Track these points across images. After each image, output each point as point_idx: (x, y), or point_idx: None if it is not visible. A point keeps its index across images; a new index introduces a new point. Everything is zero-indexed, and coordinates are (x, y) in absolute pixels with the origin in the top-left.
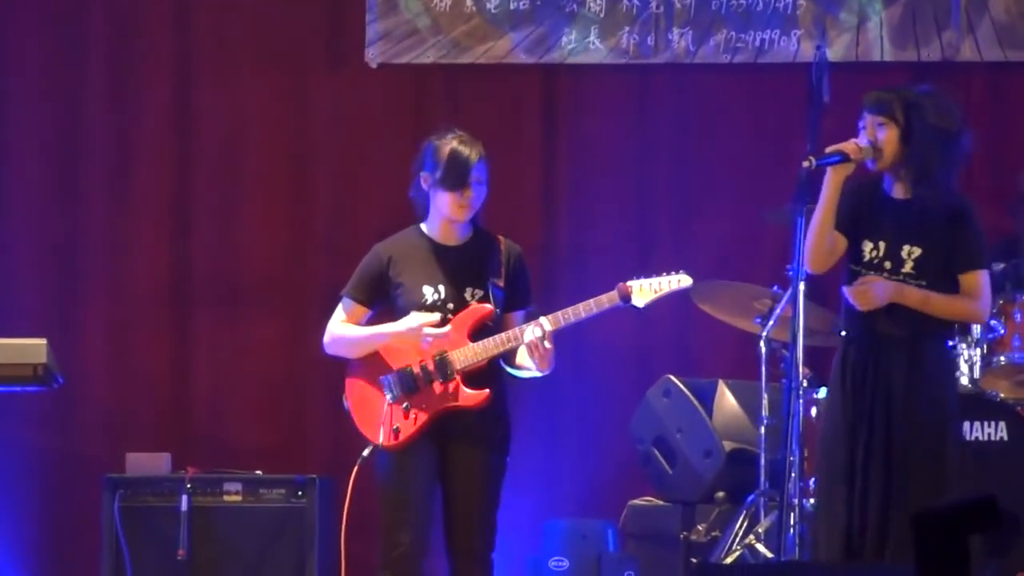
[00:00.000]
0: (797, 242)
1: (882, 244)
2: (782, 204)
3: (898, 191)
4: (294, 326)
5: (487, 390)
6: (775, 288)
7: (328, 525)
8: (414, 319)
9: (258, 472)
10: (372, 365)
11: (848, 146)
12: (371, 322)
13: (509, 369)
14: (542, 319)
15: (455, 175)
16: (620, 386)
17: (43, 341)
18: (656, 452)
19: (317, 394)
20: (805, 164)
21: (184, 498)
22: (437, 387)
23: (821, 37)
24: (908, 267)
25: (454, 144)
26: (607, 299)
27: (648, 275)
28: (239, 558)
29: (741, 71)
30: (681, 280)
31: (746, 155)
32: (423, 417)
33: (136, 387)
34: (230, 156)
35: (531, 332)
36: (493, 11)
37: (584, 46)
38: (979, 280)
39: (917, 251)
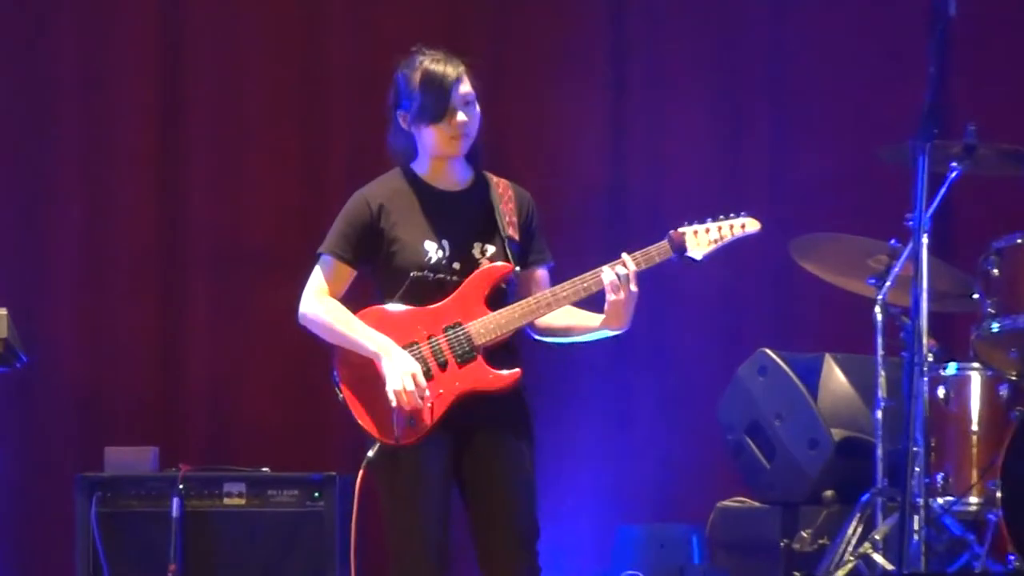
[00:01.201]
0: (919, 184)
1: None
2: (900, 138)
3: None
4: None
5: (518, 370)
6: (893, 242)
7: (351, 532)
8: (411, 364)
9: (265, 469)
10: None
11: None
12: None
13: (542, 337)
14: (625, 256)
15: (435, 101)
16: (705, 362)
17: (2, 311)
18: (750, 442)
19: (331, 375)
20: None
21: (175, 501)
22: (454, 369)
23: None
24: None
25: (426, 65)
26: (656, 251)
27: (702, 219)
28: (243, 573)
29: None
30: (746, 224)
31: (855, 79)
32: (442, 406)
33: (116, 366)
34: (226, 92)
35: (612, 272)
36: None
37: None
38: None
39: None
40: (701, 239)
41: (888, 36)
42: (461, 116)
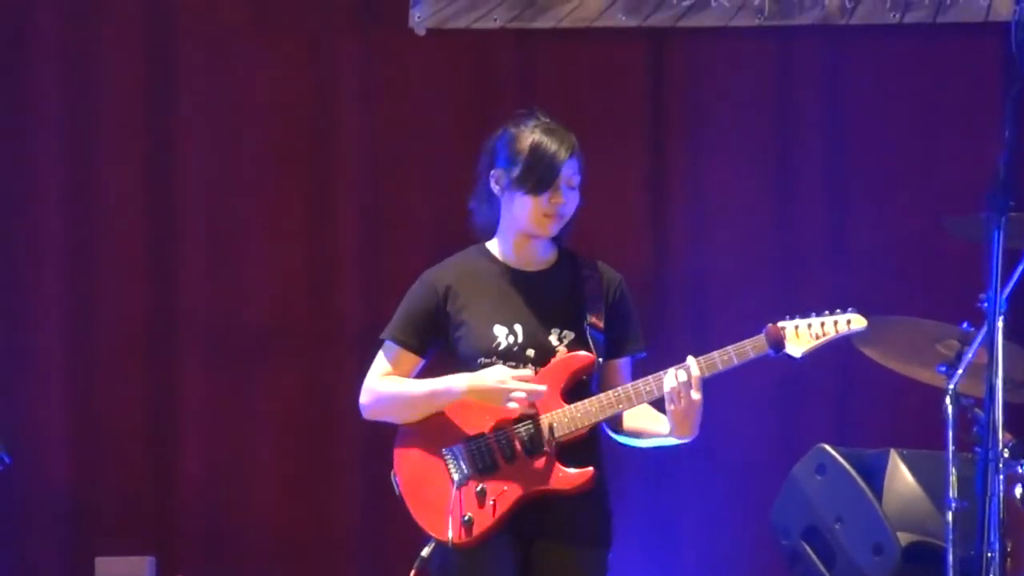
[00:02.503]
0: (993, 261)
1: None
2: (971, 209)
3: None
4: (316, 380)
5: (591, 468)
6: (965, 326)
7: None
8: (502, 371)
9: None
10: (432, 432)
11: None
12: (423, 376)
13: (618, 436)
14: (690, 360)
15: (541, 173)
16: (757, 459)
17: None
18: (807, 548)
19: (352, 470)
20: None
21: None
22: (523, 463)
23: None
24: None
25: (539, 134)
26: (752, 346)
27: (804, 313)
28: None
29: (914, 34)
30: (852, 321)
31: (921, 145)
32: (504, 504)
33: (106, 464)
34: (225, 154)
35: (674, 376)
36: None
37: (704, 3)
38: None
39: None
40: (803, 335)
41: (958, 97)
42: (563, 196)
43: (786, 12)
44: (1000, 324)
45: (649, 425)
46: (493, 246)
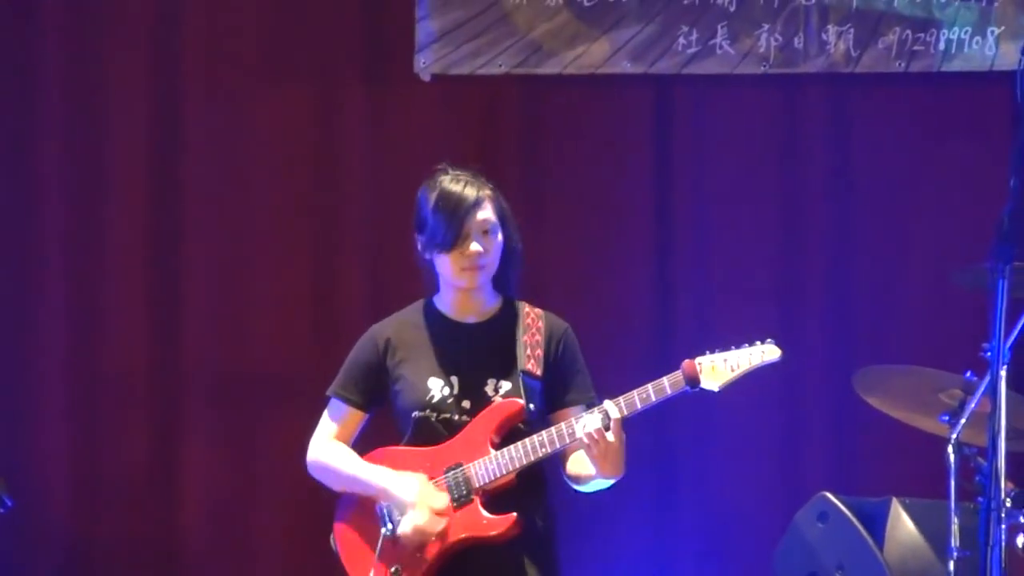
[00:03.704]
0: (997, 312)
1: None
2: (976, 260)
3: None
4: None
5: (513, 514)
6: (968, 375)
7: None
8: (420, 509)
9: None
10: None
11: None
12: (367, 434)
13: (569, 482)
14: (607, 404)
15: (445, 229)
16: (758, 506)
17: None
18: None
19: None
20: None
21: None
22: (450, 513)
23: None
24: None
25: (444, 185)
26: (670, 383)
27: (727, 346)
28: None
29: (919, 83)
30: (766, 352)
31: (925, 194)
32: (432, 553)
33: (107, 512)
34: (232, 202)
35: (590, 421)
36: (586, 3)
37: (708, 50)
38: None
39: None
40: (719, 369)
41: (964, 146)
42: (475, 246)
43: (791, 60)
44: (1003, 373)
45: (582, 469)
46: (437, 300)
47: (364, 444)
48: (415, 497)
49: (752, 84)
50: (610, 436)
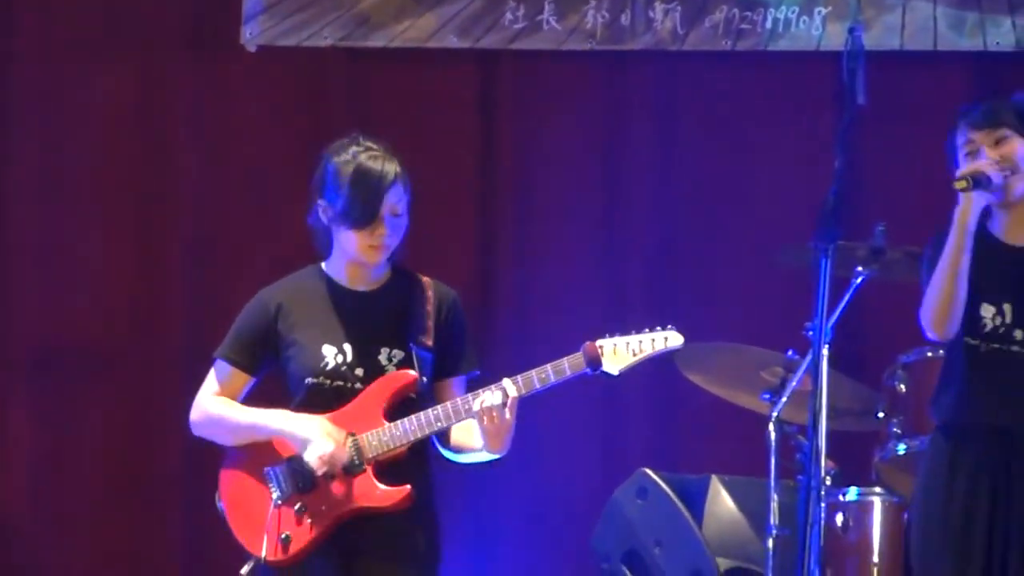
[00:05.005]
0: (820, 291)
1: (1008, 307)
2: (800, 240)
3: (1017, 234)
4: (140, 404)
5: (408, 486)
6: (790, 353)
7: None
8: (313, 427)
9: None
10: (257, 452)
11: (985, 166)
12: (251, 397)
13: (445, 452)
14: (505, 382)
15: (363, 206)
16: (578, 482)
17: None
18: (627, 572)
19: (174, 486)
20: (960, 185)
21: None
22: (340, 482)
23: (855, 17)
24: None
25: (361, 161)
26: (569, 363)
27: (623, 331)
28: None
29: (746, 61)
30: (669, 339)
31: (751, 175)
32: (322, 523)
33: None
34: (56, 173)
35: (489, 398)
36: None
37: (535, 26)
38: None
39: None
40: (620, 353)
41: (790, 125)
42: (385, 228)
43: (618, 37)
44: (825, 352)
45: (467, 441)
46: (327, 266)
47: None
48: (319, 430)
49: (579, 61)
50: (507, 414)
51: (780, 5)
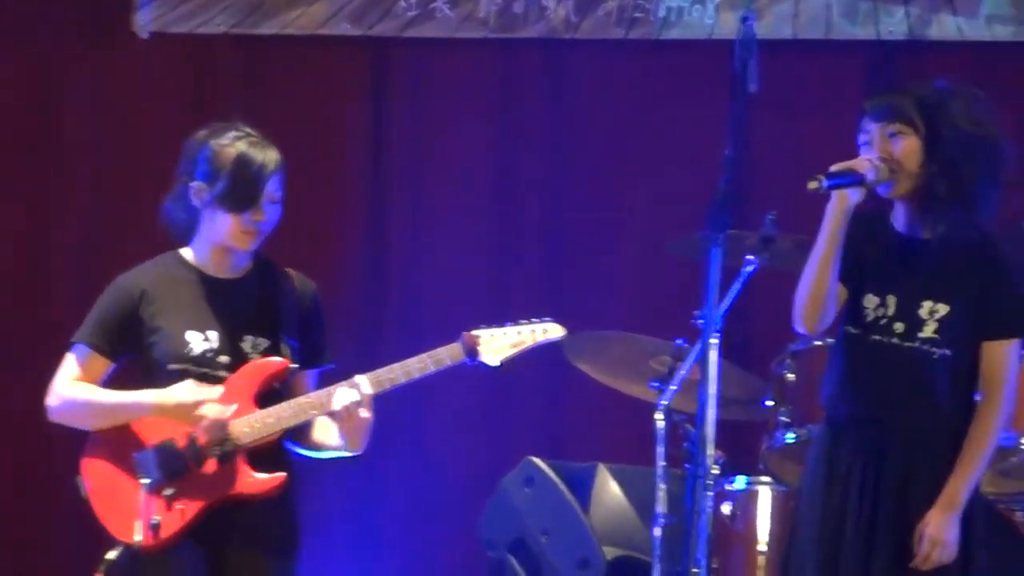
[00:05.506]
0: (710, 279)
1: (891, 299)
2: (691, 230)
3: (912, 226)
4: (27, 386)
5: (283, 474)
6: (679, 342)
7: None
8: (188, 390)
9: None
10: (124, 437)
11: (861, 163)
12: (113, 381)
13: (299, 449)
14: (359, 379)
15: (243, 191)
16: (468, 468)
17: None
18: (513, 561)
19: (35, 472)
20: (812, 185)
21: None
22: (212, 469)
23: (748, 6)
24: (929, 330)
25: (242, 147)
26: (448, 354)
27: (504, 322)
28: None
29: (639, 50)
30: (548, 330)
31: (643, 163)
32: (193, 509)
33: None
34: None
35: (344, 396)
36: None
37: (428, 13)
38: (1008, 353)
39: (942, 309)
40: (499, 343)
41: (682, 114)
42: (264, 214)
43: (511, 25)
44: (714, 341)
45: (330, 438)
46: (188, 252)
47: None
48: (192, 393)
49: (472, 48)
50: (364, 412)
51: None
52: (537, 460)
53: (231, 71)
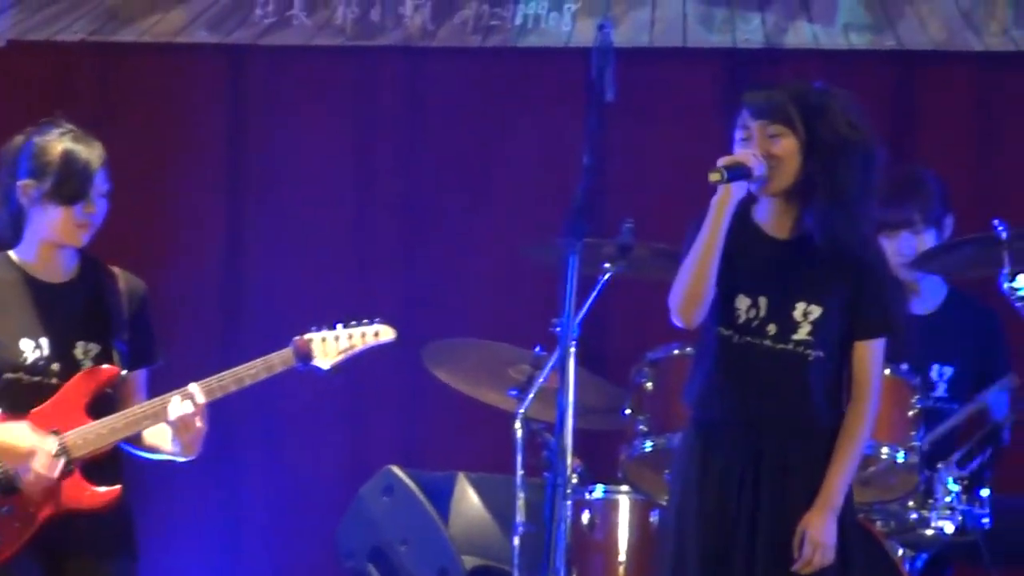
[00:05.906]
0: (568, 287)
1: (763, 301)
2: (548, 235)
3: (782, 227)
4: None
5: (118, 487)
6: (538, 350)
7: None
8: (24, 434)
9: None
10: None
11: (747, 157)
12: None
13: (133, 450)
14: (193, 388)
15: (74, 183)
16: (326, 476)
17: None
18: (372, 570)
19: None
20: (714, 177)
21: None
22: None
23: (605, 13)
24: (803, 332)
25: (68, 143)
26: (280, 359)
27: (334, 326)
28: None
29: (496, 57)
30: (379, 332)
31: (501, 170)
32: (30, 524)
33: None
34: None
35: (178, 407)
36: None
37: (285, 20)
38: (877, 353)
39: (816, 311)
40: (329, 347)
41: (540, 121)
42: (95, 206)
43: (368, 32)
44: (573, 349)
45: (165, 443)
46: (14, 256)
47: None
48: (30, 443)
49: (329, 56)
50: (198, 421)
51: (530, 1)
52: (396, 469)
53: (88, 79)
